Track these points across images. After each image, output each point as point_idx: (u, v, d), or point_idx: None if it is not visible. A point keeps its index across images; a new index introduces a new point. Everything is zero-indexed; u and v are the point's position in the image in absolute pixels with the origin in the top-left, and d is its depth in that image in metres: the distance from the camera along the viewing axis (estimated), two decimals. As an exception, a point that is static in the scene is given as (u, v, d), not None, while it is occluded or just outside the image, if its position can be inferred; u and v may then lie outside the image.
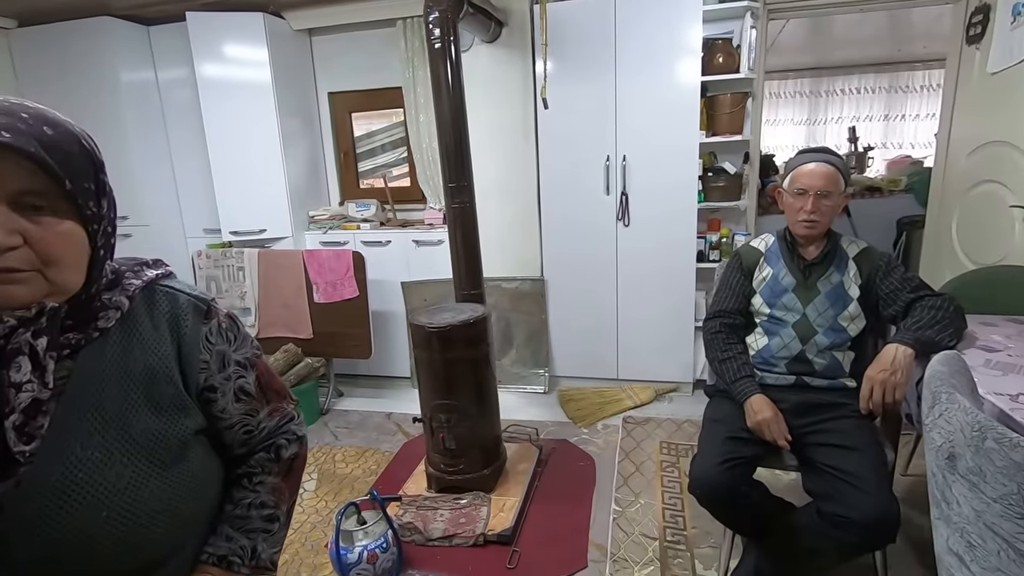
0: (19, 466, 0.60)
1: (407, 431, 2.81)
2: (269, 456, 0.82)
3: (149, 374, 0.69)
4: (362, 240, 3.22)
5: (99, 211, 0.66)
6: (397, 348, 3.30)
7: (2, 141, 0.56)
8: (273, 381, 0.85)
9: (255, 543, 0.76)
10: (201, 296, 0.77)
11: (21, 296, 0.60)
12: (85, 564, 0.64)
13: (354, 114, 3.56)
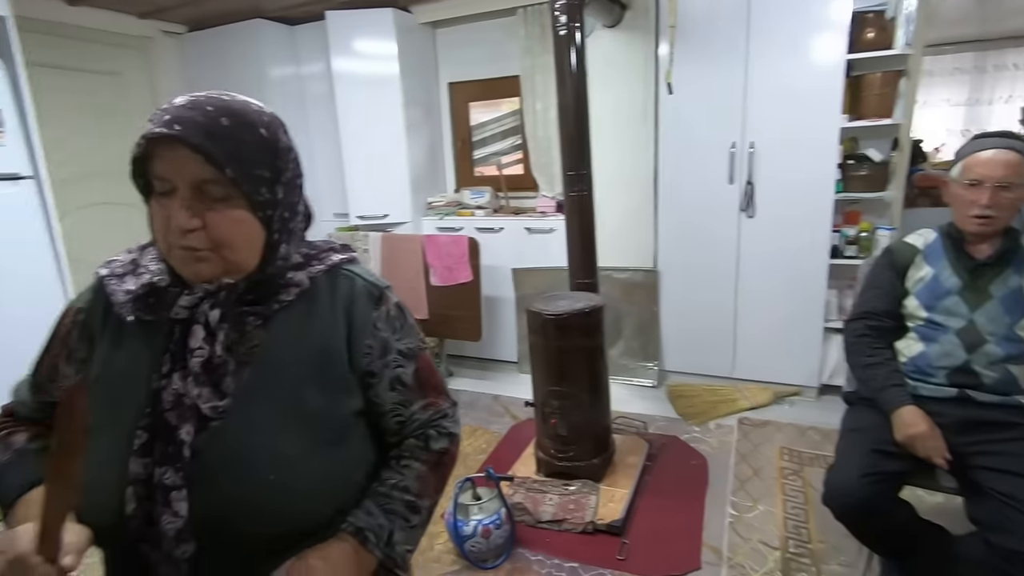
0: (210, 421, 0.68)
1: (515, 414, 2.88)
2: (419, 443, 0.81)
3: (324, 353, 0.73)
4: (476, 227, 3.32)
5: (273, 197, 0.69)
6: (505, 333, 3.38)
7: (171, 133, 0.61)
8: (432, 377, 0.84)
9: (392, 527, 0.72)
10: (376, 283, 0.80)
11: (203, 272, 0.68)
12: (248, 524, 0.67)
13: (471, 103, 3.65)
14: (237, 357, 0.70)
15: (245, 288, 0.71)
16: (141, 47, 3.39)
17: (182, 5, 3.07)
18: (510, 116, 3.59)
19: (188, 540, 0.66)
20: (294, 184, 0.73)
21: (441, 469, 0.83)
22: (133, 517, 0.65)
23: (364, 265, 0.85)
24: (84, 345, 0.76)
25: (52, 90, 2.80)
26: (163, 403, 0.67)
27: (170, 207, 0.65)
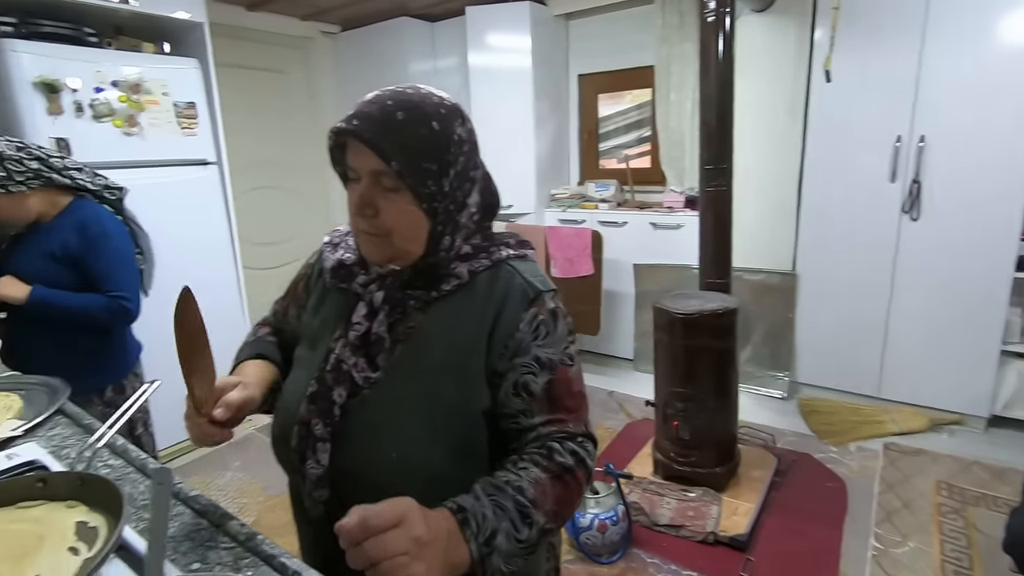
0: (361, 389, 0.74)
1: (629, 411, 2.83)
2: (540, 452, 0.71)
3: (468, 345, 0.73)
4: (599, 220, 3.28)
5: (439, 189, 0.70)
6: (622, 329, 3.32)
7: (348, 128, 0.67)
8: (570, 397, 0.74)
9: (498, 527, 0.62)
10: (535, 284, 0.75)
11: (376, 254, 0.74)
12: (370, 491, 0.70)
13: (600, 95, 3.61)
14: (394, 336, 0.75)
15: (411, 275, 0.75)
16: (302, 47, 3.75)
17: (339, 7, 3.34)
18: (636, 109, 3.51)
19: (324, 487, 0.73)
20: (464, 177, 0.73)
21: (563, 486, 0.69)
22: (295, 451, 0.74)
23: (530, 263, 0.80)
24: (306, 296, 0.88)
25: (230, 86, 3.18)
26: (328, 363, 0.75)
27: (353, 194, 0.71)
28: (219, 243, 2.65)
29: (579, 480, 0.72)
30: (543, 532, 0.66)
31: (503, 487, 0.65)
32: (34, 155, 1.51)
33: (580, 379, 0.77)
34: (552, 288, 0.78)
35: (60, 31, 2.14)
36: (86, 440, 0.93)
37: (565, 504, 0.70)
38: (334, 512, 0.72)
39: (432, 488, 0.69)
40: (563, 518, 0.70)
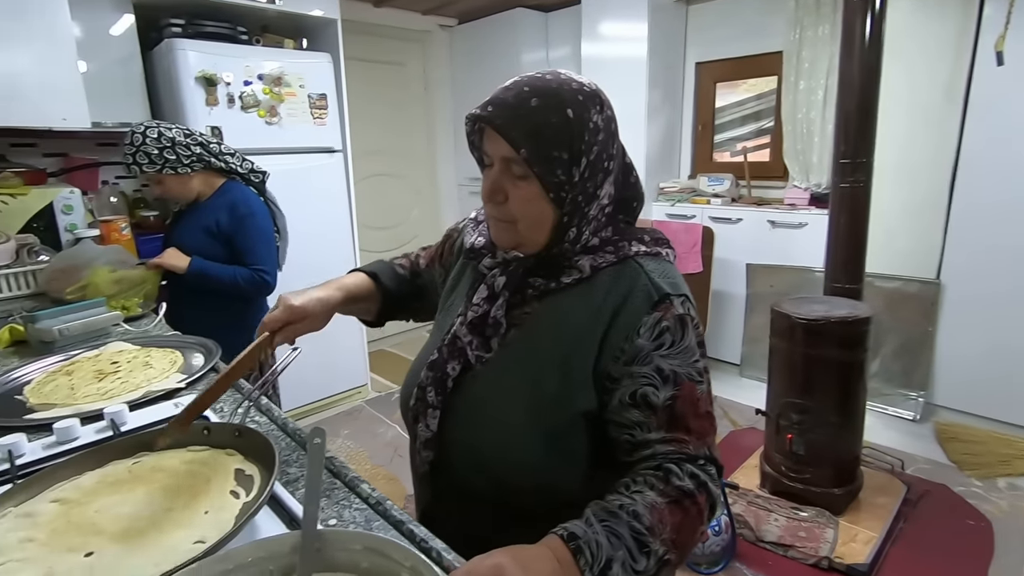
0: (473, 366, 0.76)
1: (734, 419, 2.68)
2: (657, 474, 0.66)
3: (576, 342, 0.71)
4: (710, 215, 3.12)
5: (568, 179, 0.68)
6: (729, 332, 3.15)
7: (482, 115, 0.67)
8: (695, 418, 0.68)
9: (612, 556, 0.57)
10: (661, 285, 0.70)
11: (503, 240, 0.75)
12: (467, 464, 0.75)
13: (719, 84, 3.42)
14: (510, 319, 0.76)
15: (534, 263, 0.75)
16: (420, 40, 3.90)
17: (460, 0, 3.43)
18: (756, 99, 3.28)
19: (430, 449, 0.77)
20: (597, 167, 0.70)
21: (682, 512, 0.63)
22: (411, 411, 0.79)
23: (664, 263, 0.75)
24: (449, 257, 0.94)
25: (355, 78, 3.38)
26: (447, 337, 0.78)
27: (485, 180, 0.73)
28: (340, 226, 2.84)
29: (701, 507, 0.65)
30: (662, 563, 0.60)
31: (617, 512, 0.60)
32: (197, 141, 1.71)
33: (709, 399, 0.71)
34: (683, 293, 0.72)
35: (219, 31, 2.38)
36: (234, 396, 1.04)
37: (686, 532, 0.63)
38: (437, 473, 0.79)
39: (523, 471, 0.71)
40: (684, 548, 0.63)
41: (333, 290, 0.87)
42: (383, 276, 0.95)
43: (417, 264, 1.00)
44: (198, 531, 0.56)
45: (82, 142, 2.37)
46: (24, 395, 1.03)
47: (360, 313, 0.97)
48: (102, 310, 1.41)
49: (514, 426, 0.71)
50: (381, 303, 0.96)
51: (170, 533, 0.56)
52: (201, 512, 0.59)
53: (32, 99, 1.79)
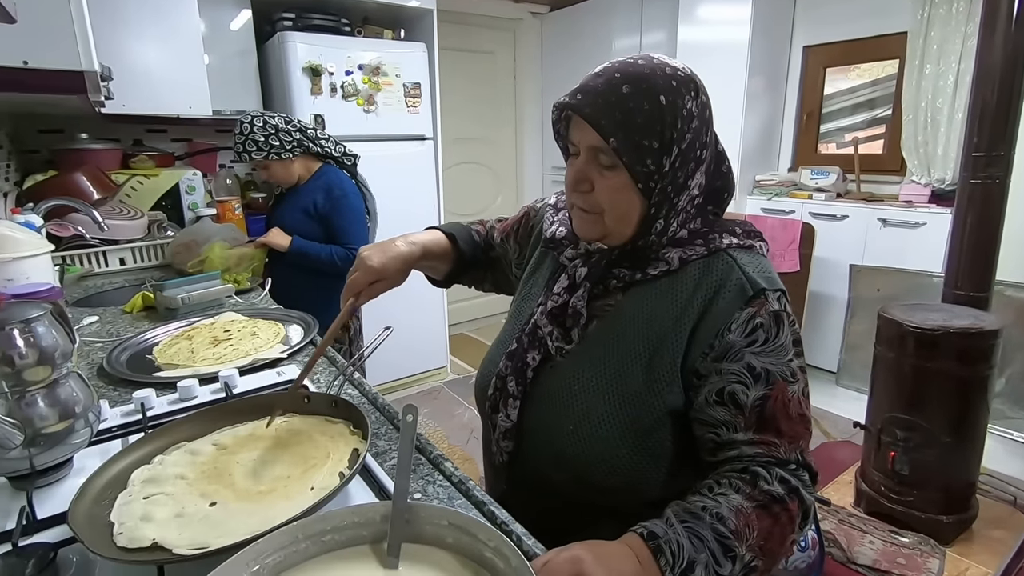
0: (553, 356, 0.75)
1: (826, 429, 2.51)
2: (743, 477, 0.63)
3: (661, 338, 0.69)
4: (811, 211, 2.91)
5: (658, 168, 0.65)
6: (826, 336, 2.93)
7: (570, 103, 0.65)
8: (787, 420, 0.65)
9: (695, 558, 0.55)
10: (756, 280, 0.67)
11: (587, 231, 0.73)
12: (546, 456, 0.74)
13: (829, 69, 3.16)
14: (591, 311, 0.74)
15: (618, 255, 0.73)
16: (511, 28, 3.91)
17: (551, -14, 3.41)
18: (871, 85, 3.01)
19: (510, 439, 0.77)
20: (689, 157, 0.67)
21: (771, 518, 0.60)
22: (490, 400, 0.79)
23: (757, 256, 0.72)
24: (524, 234, 0.93)
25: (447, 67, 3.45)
26: (527, 326, 0.78)
27: (571, 169, 0.71)
28: (427, 212, 2.93)
29: (792, 514, 0.61)
30: (750, 570, 0.58)
31: (699, 514, 0.58)
32: (296, 127, 1.82)
33: (804, 401, 0.67)
34: (780, 288, 0.68)
35: (325, 23, 2.51)
36: (329, 369, 1.11)
37: (775, 540, 0.59)
38: (515, 463, 0.78)
39: (604, 466, 0.70)
40: (773, 556, 0.59)
41: (411, 244, 0.87)
42: (460, 239, 0.95)
43: (491, 236, 1.00)
44: (297, 505, 0.59)
45: (203, 128, 2.60)
46: (153, 355, 1.15)
47: (431, 271, 0.97)
48: (217, 282, 1.55)
49: (596, 421, 0.70)
50: (453, 264, 0.96)
51: (276, 503, 0.60)
52: (308, 488, 0.63)
53: (165, 90, 1.98)
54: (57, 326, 0.70)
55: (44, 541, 0.59)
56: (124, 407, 0.92)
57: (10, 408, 0.65)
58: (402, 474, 0.53)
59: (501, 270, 0.99)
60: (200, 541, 0.54)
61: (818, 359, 2.99)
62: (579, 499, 0.74)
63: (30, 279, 1.25)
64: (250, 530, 0.54)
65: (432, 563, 0.51)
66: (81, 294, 1.71)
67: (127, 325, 1.38)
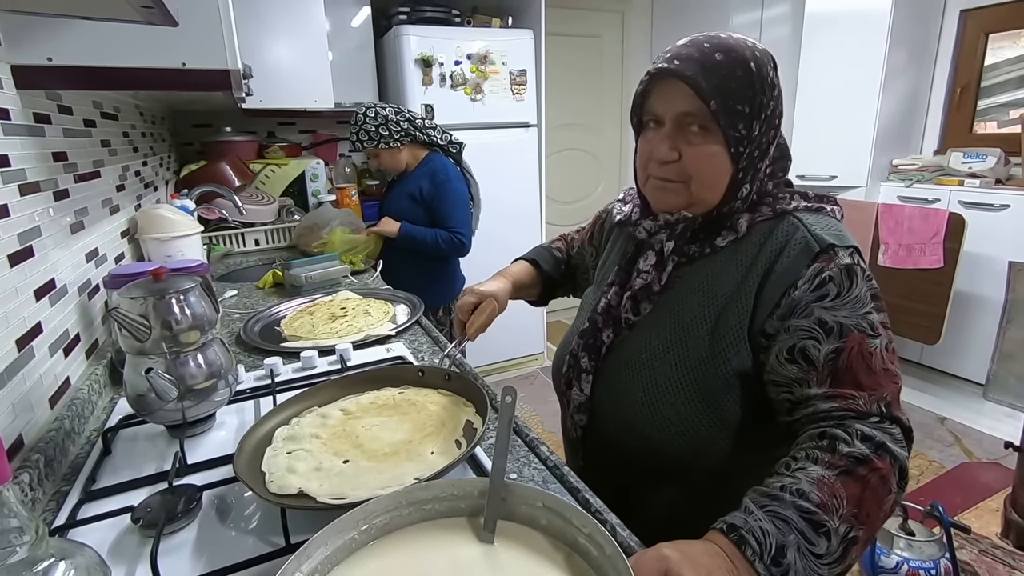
0: (624, 329, 0.78)
1: (968, 447, 2.21)
2: (820, 444, 0.59)
3: (727, 302, 0.70)
4: (961, 199, 2.56)
5: (748, 134, 0.67)
6: (974, 343, 2.58)
7: (670, 68, 0.66)
8: (867, 373, 0.61)
9: (784, 541, 0.51)
10: (824, 238, 0.66)
11: (670, 202, 0.73)
12: (618, 426, 0.77)
13: (992, 35, 2.74)
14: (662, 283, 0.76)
15: (699, 225, 0.74)
16: (619, 9, 3.79)
17: (664, -37, 3.25)
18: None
19: (584, 413, 0.81)
20: (771, 123, 0.70)
21: (859, 483, 0.55)
22: (564, 378, 0.84)
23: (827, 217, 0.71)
24: (599, 236, 0.99)
25: (552, 53, 3.43)
26: (599, 306, 0.81)
27: (654, 140, 0.71)
28: (530, 198, 2.95)
29: (883, 473, 0.55)
30: (848, 542, 0.52)
31: (778, 495, 0.54)
32: (405, 117, 1.90)
33: (888, 355, 0.62)
34: (851, 244, 0.67)
35: (436, 15, 2.59)
36: (434, 347, 1.16)
37: (870, 505, 0.54)
38: (588, 437, 0.82)
39: (672, 430, 0.71)
40: (872, 523, 0.54)
41: (504, 280, 0.99)
42: (542, 262, 1.06)
43: (571, 246, 1.09)
44: (421, 467, 0.65)
45: (326, 120, 2.81)
46: (280, 327, 1.27)
47: (525, 297, 1.08)
48: (336, 263, 1.67)
49: (664, 386, 0.72)
50: (542, 286, 1.07)
51: (402, 464, 0.66)
52: (428, 452, 0.68)
53: (295, 85, 2.16)
54: (205, 297, 0.80)
55: (192, 483, 0.68)
56: (256, 372, 1.03)
57: (168, 366, 0.75)
58: (500, 453, 0.54)
59: (583, 275, 1.06)
60: (338, 492, 0.61)
61: (963, 368, 2.64)
62: (653, 467, 0.75)
63: (184, 256, 1.43)
64: (381, 485, 0.60)
65: (525, 542, 0.52)
66: (223, 271, 1.93)
67: (260, 299, 1.54)
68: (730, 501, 0.56)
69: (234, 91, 1.00)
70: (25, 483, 0.65)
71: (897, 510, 1.55)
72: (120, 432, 0.83)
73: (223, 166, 2.17)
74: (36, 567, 0.36)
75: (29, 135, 0.88)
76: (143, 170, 1.73)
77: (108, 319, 1.13)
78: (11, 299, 0.75)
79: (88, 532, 0.62)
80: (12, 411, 0.71)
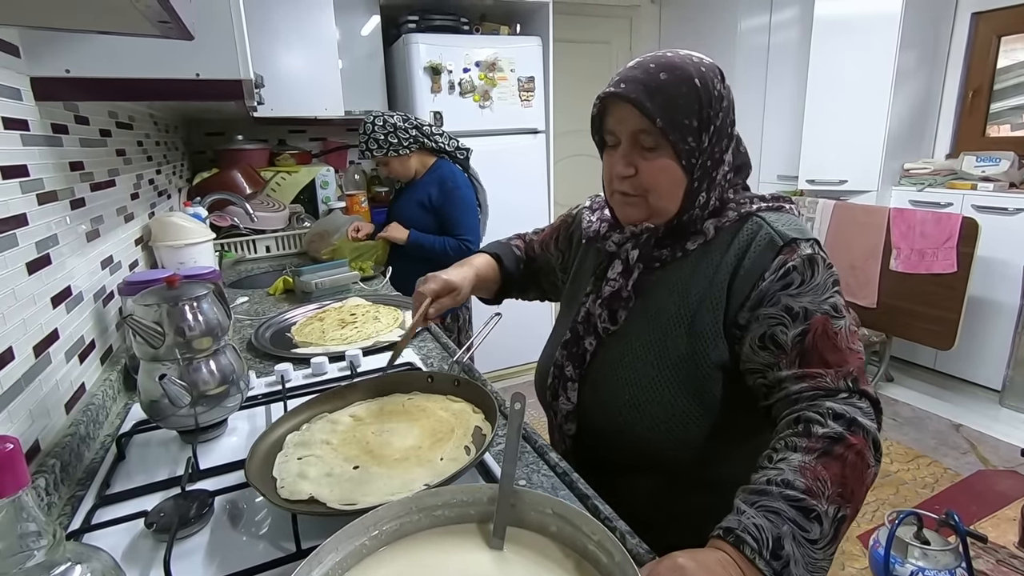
0: (603, 340, 0.80)
1: (984, 455, 2.18)
2: (796, 431, 0.61)
3: (700, 301, 0.73)
4: (974, 204, 2.53)
5: (698, 145, 0.71)
6: (989, 349, 2.54)
7: (616, 91, 0.70)
8: (832, 351, 0.64)
9: (779, 533, 0.52)
10: (786, 233, 0.70)
11: (632, 215, 0.77)
12: (608, 428, 0.78)
13: (1004, 38, 2.72)
14: (635, 289, 0.79)
15: (663, 232, 0.77)
16: (627, 16, 3.81)
17: (671, -31, 3.26)
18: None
19: (572, 422, 0.82)
20: (722, 134, 0.73)
21: (838, 462, 0.57)
22: (549, 389, 0.85)
23: (787, 215, 0.75)
24: (564, 240, 0.99)
25: (560, 60, 3.44)
26: (579, 316, 0.83)
27: (613, 157, 0.76)
28: (538, 204, 2.96)
29: (858, 447, 0.58)
30: (838, 522, 0.55)
31: (765, 488, 0.56)
32: (412, 124, 1.92)
33: (851, 335, 0.66)
34: (811, 237, 0.71)
35: (445, 23, 2.61)
36: (442, 353, 1.16)
37: (852, 481, 0.56)
38: (579, 445, 0.83)
39: (661, 428, 0.73)
40: (856, 499, 0.57)
41: (468, 270, 0.98)
42: (505, 259, 1.05)
43: (532, 248, 1.08)
44: (431, 473, 0.65)
45: (335, 128, 2.84)
46: (291, 333, 1.28)
47: (482, 292, 1.05)
48: (345, 269, 1.68)
49: (647, 387, 0.74)
50: (500, 284, 1.06)
51: (412, 470, 0.66)
52: (438, 458, 0.68)
53: (305, 93, 2.19)
54: (218, 304, 0.81)
55: (204, 488, 0.68)
56: (267, 378, 1.04)
57: (181, 372, 0.76)
58: (509, 459, 0.54)
59: (545, 278, 1.06)
60: (349, 498, 0.61)
61: (978, 374, 2.60)
62: (646, 468, 0.78)
63: (197, 263, 1.44)
64: (392, 491, 0.61)
65: (535, 549, 0.52)
66: (235, 277, 1.95)
67: (271, 305, 1.56)
68: (706, 484, 0.64)
69: (246, 100, 1.02)
70: (41, 488, 0.66)
71: (912, 519, 1.53)
72: (134, 437, 0.84)
73: (235, 174, 2.19)
74: (53, 571, 0.37)
75: (47, 145, 0.90)
76: (157, 178, 1.75)
77: (123, 326, 1.15)
78: (29, 306, 0.77)
79: (103, 536, 0.62)
80: (29, 416, 0.73)
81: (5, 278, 0.71)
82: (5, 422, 0.67)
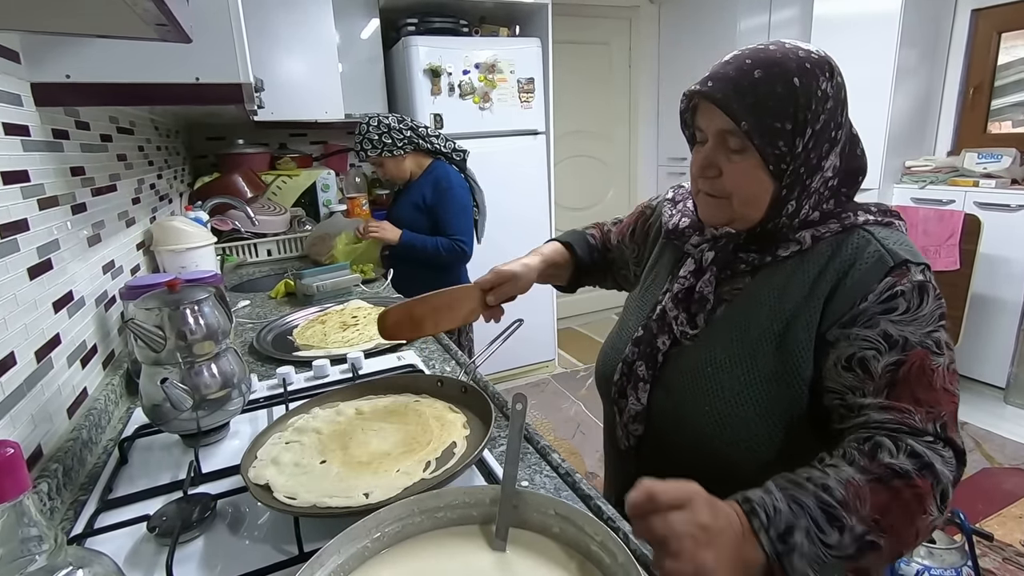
0: (681, 341, 0.76)
1: (989, 453, 2.17)
2: (861, 448, 0.57)
3: (794, 315, 0.68)
4: (977, 201, 2.52)
5: (791, 150, 0.65)
6: (993, 346, 2.53)
7: (701, 90, 0.66)
8: (926, 390, 0.60)
9: (795, 523, 0.51)
10: (899, 253, 0.65)
11: (713, 216, 0.73)
12: (682, 437, 0.74)
13: (1004, 34, 2.71)
14: (719, 295, 0.75)
15: (746, 239, 0.73)
16: (626, 17, 3.80)
17: (670, -31, 3.26)
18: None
19: (640, 423, 0.79)
20: (823, 138, 0.66)
21: (889, 493, 0.53)
22: (616, 386, 0.81)
23: (897, 232, 0.69)
24: (641, 234, 0.95)
25: (560, 61, 3.44)
26: (655, 313, 0.80)
27: (698, 155, 0.72)
28: (539, 206, 2.96)
29: (918, 491, 0.53)
30: (864, 545, 0.52)
31: (801, 483, 0.54)
32: (408, 126, 1.92)
33: (949, 375, 0.61)
34: (924, 262, 0.65)
35: (444, 25, 2.62)
36: (444, 355, 1.16)
37: (897, 517, 0.52)
38: (644, 446, 0.80)
39: (743, 444, 0.69)
40: (897, 536, 0.53)
41: (533, 257, 0.95)
42: (577, 246, 1.01)
43: (608, 238, 1.04)
44: (377, 485, 0.63)
45: (336, 131, 2.84)
46: (293, 336, 1.28)
47: (555, 280, 1.02)
48: (346, 272, 1.68)
49: (730, 401, 0.70)
50: (573, 271, 1.02)
51: (362, 476, 0.65)
52: (394, 471, 0.66)
53: (306, 97, 2.19)
54: (219, 308, 0.81)
55: (206, 492, 0.68)
56: (269, 381, 1.04)
57: (183, 376, 0.76)
58: (511, 461, 0.54)
59: (617, 271, 1.03)
60: (292, 491, 0.62)
61: (982, 372, 2.59)
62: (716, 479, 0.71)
63: (198, 266, 1.45)
64: (325, 494, 0.61)
65: (538, 550, 0.52)
66: (236, 281, 1.95)
67: (272, 309, 1.56)
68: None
69: (246, 104, 1.02)
70: (44, 492, 0.66)
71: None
72: (136, 442, 0.84)
73: (236, 178, 2.20)
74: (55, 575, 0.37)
75: (48, 151, 0.90)
76: (158, 183, 1.76)
77: (124, 330, 1.15)
78: (31, 311, 0.77)
79: (105, 541, 0.62)
80: (31, 421, 0.73)
81: (6, 283, 0.71)
82: (7, 427, 0.67)
